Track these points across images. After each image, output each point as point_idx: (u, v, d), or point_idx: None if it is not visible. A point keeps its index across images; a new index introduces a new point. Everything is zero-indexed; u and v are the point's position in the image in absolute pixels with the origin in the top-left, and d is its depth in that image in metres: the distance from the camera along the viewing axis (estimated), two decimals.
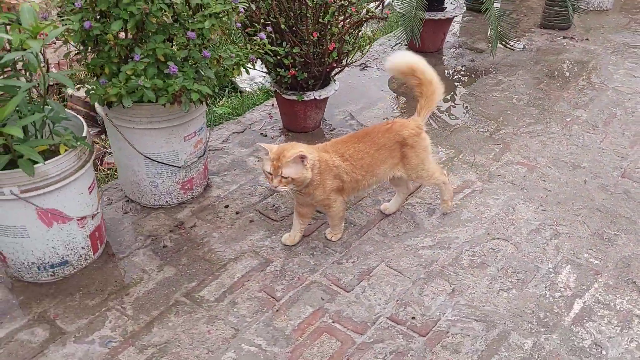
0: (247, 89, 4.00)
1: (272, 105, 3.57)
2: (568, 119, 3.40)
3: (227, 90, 3.99)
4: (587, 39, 4.42)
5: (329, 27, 2.84)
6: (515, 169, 2.97)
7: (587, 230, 2.56)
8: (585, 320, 2.13)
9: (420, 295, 2.24)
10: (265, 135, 3.31)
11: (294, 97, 3.08)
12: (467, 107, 3.58)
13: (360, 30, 3.01)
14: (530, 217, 2.63)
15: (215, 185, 2.89)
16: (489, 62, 4.11)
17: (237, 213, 2.70)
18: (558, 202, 2.72)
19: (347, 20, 2.88)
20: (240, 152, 3.16)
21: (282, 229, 2.59)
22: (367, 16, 2.80)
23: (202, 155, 2.74)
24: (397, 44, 4.15)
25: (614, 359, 1.98)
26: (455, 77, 3.98)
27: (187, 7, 2.21)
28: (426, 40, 4.11)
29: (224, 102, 3.77)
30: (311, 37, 2.82)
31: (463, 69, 4.05)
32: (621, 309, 2.17)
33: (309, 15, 2.77)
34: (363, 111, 3.52)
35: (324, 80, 3.13)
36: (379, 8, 3.21)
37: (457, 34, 4.61)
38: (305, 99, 3.08)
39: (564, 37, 4.47)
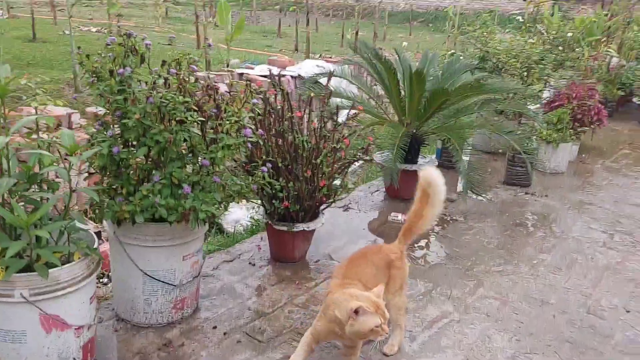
0: (231, 230, 4.20)
1: (261, 238, 3.81)
2: (534, 262, 3.70)
3: (213, 231, 4.19)
4: (547, 196, 4.91)
5: (320, 166, 3.21)
6: (489, 302, 3.18)
7: (558, 359, 2.71)
8: None
9: None
10: (254, 265, 3.50)
11: (285, 228, 3.34)
12: (442, 247, 3.87)
13: (347, 172, 3.39)
14: (505, 346, 2.78)
15: (205, 307, 3.01)
16: (460, 210, 4.51)
17: (224, 334, 2.79)
18: (530, 334, 2.89)
19: (338, 162, 3.26)
20: (230, 278, 3.32)
21: (269, 350, 2.68)
22: (354, 159, 3.20)
23: (197, 276, 2.90)
24: (376, 191, 4.57)
25: None
26: None
27: (203, 139, 2.55)
28: (403, 188, 4.53)
29: (210, 240, 3.96)
30: (305, 174, 3.17)
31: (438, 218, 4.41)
32: None
33: (304, 155, 3.15)
34: (346, 246, 3.78)
35: (313, 214, 3.43)
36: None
37: None
38: (295, 230, 3.34)
39: (526, 193, 4.96)
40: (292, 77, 7.17)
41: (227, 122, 2.53)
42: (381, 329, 2.16)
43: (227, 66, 7.37)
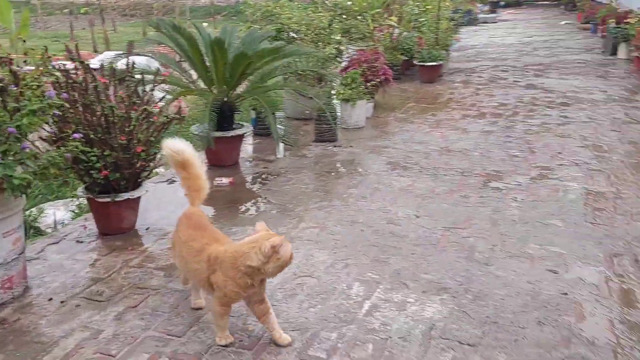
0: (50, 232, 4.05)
1: (85, 219, 3.80)
2: (344, 195, 4.24)
3: (30, 233, 3.99)
4: (351, 146, 5.56)
5: (135, 133, 3.33)
6: (310, 231, 3.62)
7: (367, 259, 3.24)
8: (373, 312, 2.70)
9: (245, 324, 2.61)
10: (82, 242, 3.50)
11: (108, 199, 3.40)
12: (267, 197, 4.24)
13: (163, 136, 3.55)
14: (325, 259, 3.23)
15: (36, 285, 2.98)
16: (279, 167, 4.93)
17: (62, 302, 2.82)
18: (345, 246, 3.39)
19: (151, 127, 3.41)
20: (58, 257, 3.30)
21: (110, 306, 2.78)
22: (167, 119, 3.38)
23: (22, 253, 2.87)
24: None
25: (396, 330, 2.55)
26: (255, 178, 4.69)
27: (4, 109, 2.54)
28: (224, 155, 4.82)
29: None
30: (120, 141, 3.27)
31: (259, 174, 4.78)
32: (397, 301, 2.80)
33: (116, 123, 3.25)
34: (174, 213, 3.89)
35: (135, 182, 3.53)
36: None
37: (251, 152, 5.45)
38: (119, 199, 3.43)
39: (334, 146, 5.56)
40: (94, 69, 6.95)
41: (28, 88, 2.55)
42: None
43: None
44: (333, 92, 6.00)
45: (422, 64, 8.61)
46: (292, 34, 6.03)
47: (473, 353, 2.42)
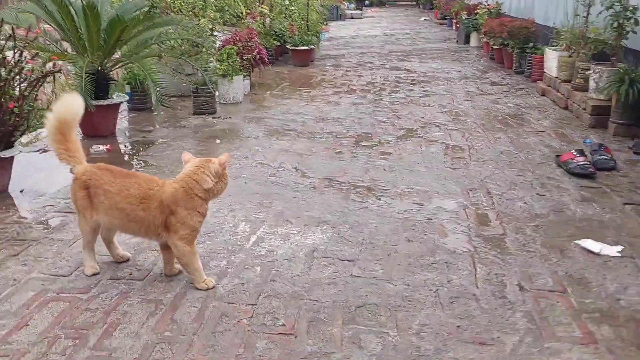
0: None
1: None
2: None
3: None
4: (230, 118, 5.67)
5: (6, 88, 3.19)
6: None
7: (252, 204, 3.40)
8: (259, 243, 2.88)
9: (134, 260, 2.65)
10: None
11: None
12: (147, 161, 4.23)
13: (37, 92, 3.43)
14: (211, 207, 3.32)
15: None
16: (159, 135, 4.91)
17: None
18: (229, 195, 3.50)
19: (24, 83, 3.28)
20: None
21: None
22: (42, 73, 3.27)
23: None
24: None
25: (282, 254, 2.75)
26: (134, 147, 4.64)
27: None
28: (100, 125, 4.69)
29: None
30: None
31: (138, 143, 4.73)
32: (281, 233, 3.00)
33: None
34: (49, 177, 3.80)
35: (7, 142, 3.36)
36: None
37: (127, 123, 5.35)
38: None
39: (213, 118, 5.63)
40: None
41: None
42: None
43: None
44: (210, 65, 6.05)
45: (294, 48, 8.91)
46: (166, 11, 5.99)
47: (352, 266, 2.69)
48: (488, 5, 10.82)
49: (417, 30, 14.83)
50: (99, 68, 4.63)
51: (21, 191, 3.54)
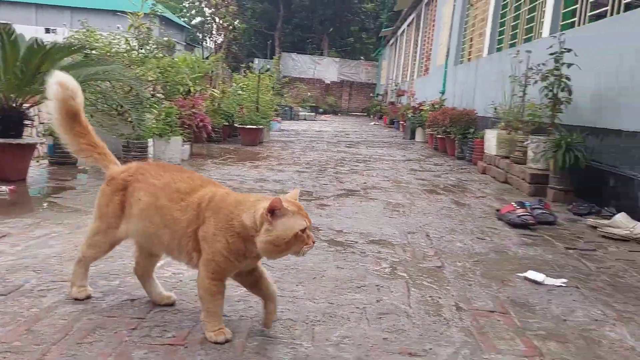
0: None
1: None
2: None
3: None
4: None
5: None
6: None
7: None
8: (165, 267, 2.50)
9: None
10: None
11: None
12: (55, 203, 3.83)
13: None
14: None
15: None
16: (77, 183, 4.55)
17: None
18: None
19: None
20: None
21: None
22: None
23: None
24: None
25: (189, 276, 2.37)
26: (44, 190, 4.23)
27: None
28: (8, 167, 4.24)
29: None
30: None
31: (51, 188, 4.31)
32: None
33: None
34: None
35: None
36: None
37: (44, 173, 4.96)
38: None
39: None
40: None
41: None
42: (307, 236, 1.66)
43: None
44: (147, 120, 5.82)
45: (242, 126, 8.88)
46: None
47: None
48: (432, 101, 11.31)
49: (366, 130, 15.31)
50: (13, 104, 4.28)
51: None
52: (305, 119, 19.55)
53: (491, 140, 6.62)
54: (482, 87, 8.98)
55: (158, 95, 6.88)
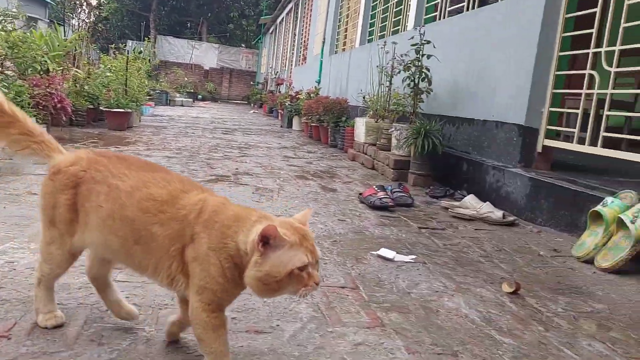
0: None
1: None
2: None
3: None
4: (12, 159, 4.89)
5: None
6: None
7: (5, 224, 2.75)
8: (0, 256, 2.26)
9: None
10: None
11: None
12: None
13: None
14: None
15: None
16: None
17: None
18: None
19: None
20: None
21: None
22: None
23: None
24: None
25: (25, 264, 2.16)
26: None
27: None
28: None
29: None
30: None
31: None
32: (33, 248, 2.41)
33: None
34: None
35: None
36: None
37: None
38: None
39: None
40: None
41: None
42: (307, 275, 1.30)
43: None
44: None
45: (109, 109, 8.35)
46: None
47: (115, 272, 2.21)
48: (308, 90, 11.47)
49: (245, 118, 15.18)
50: None
51: None
52: (182, 105, 18.92)
53: (360, 128, 6.86)
54: (354, 76, 9.27)
55: (8, 72, 6.24)
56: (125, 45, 18.87)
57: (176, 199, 1.45)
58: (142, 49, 16.07)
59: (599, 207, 3.04)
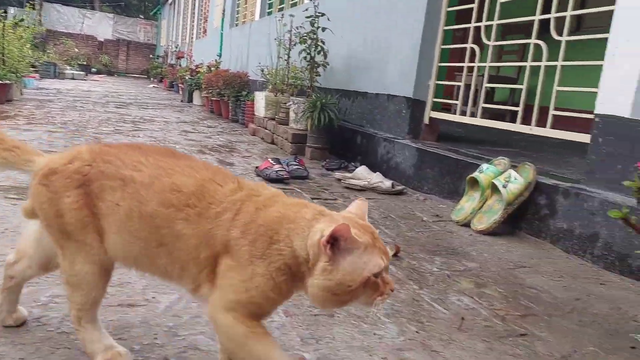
0: None
1: None
2: None
3: None
4: None
5: None
6: None
7: None
8: None
9: None
10: None
11: None
12: None
13: None
14: None
15: None
16: None
17: None
18: None
19: None
20: None
21: None
22: None
23: None
24: None
25: None
26: None
27: None
28: None
29: None
30: None
31: None
32: None
33: None
34: None
35: None
36: None
37: None
38: None
39: None
40: None
41: None
42: (382, 282, 1.11)
43: None
44: None
45: None
46: None
47: None
48: (209, 63, 11.17)
49: (143, 92, 14.53)
50: None
51: None
52: (73, 79, 17.72)
53: (260, 102, 6.79)
54: (254, 50, 9.14)
55: None
56: (5, 12, 17.24)
57: (206, 191, 1.22)
58: (24, 16, 14.77)
59: (475, 174, 3.23)
